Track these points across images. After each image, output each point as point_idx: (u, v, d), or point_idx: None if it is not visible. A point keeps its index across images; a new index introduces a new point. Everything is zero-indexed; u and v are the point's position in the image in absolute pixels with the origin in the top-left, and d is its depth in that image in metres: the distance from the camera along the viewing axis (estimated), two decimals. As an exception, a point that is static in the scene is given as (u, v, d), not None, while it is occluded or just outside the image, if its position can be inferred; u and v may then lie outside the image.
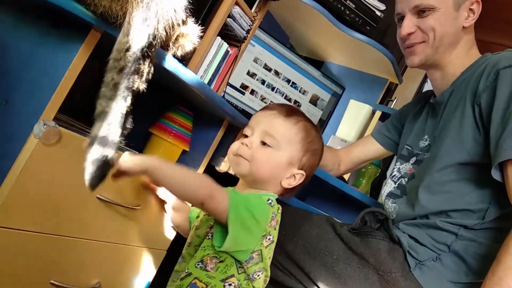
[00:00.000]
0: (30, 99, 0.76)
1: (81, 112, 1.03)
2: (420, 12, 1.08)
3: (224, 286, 0.78)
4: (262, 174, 0.85)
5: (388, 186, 1.19)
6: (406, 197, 1.11)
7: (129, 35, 0.64)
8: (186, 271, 0.81)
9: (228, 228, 0.75)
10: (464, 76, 1.08)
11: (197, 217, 0.92)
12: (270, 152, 0.85)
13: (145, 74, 0.68)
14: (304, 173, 0.89)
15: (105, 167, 0.67)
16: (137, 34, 0.65)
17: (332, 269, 0.95)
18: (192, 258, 0.82)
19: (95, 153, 0.65)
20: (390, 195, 1.16)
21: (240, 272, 0.79)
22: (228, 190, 0.80)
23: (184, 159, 1.17)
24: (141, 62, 0.67)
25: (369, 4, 1.74)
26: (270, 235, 0.82)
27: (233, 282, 0.78)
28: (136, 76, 0.66)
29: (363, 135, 1.84)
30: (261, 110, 0.93)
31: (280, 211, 0.86)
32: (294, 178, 0.88)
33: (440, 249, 0.97)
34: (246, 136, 0.88)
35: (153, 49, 0.68)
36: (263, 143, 0.85)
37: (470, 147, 0.98)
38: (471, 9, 1.09)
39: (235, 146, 0.87)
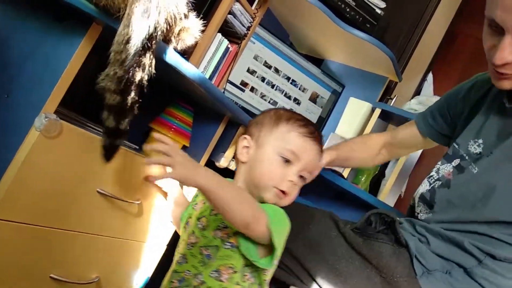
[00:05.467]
0: (32, 92, 0.76)
1: (82, 106, 1.03)
2: None
3: None
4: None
5: (422, 187, 1.07)
6: (435, 209, 0.99)
7: (129, 27, 0.65)
8: (200, 279, 0.78)
9: (275, 245, 0.74)
10: None
11: (190, 217, 0.88)
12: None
13: (147, 67, 0.68)
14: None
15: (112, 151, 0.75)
16: (137, 26, 0.65)
17: (333, 267, 0.91)
18: (206, 265, 0.78)
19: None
20: (422, 198, 1.04)
21: (243, 280, 0.78)
22: (263, 206, 0.77)
23: (184, 154, 1.17)
24: (142, 54, 0.67)
25: (369, 2, 1.74)
26: None
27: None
28: (138, 69, 0.66)
29: (362, 133, 1.84)
30: (312, 140, 0.85)
31: None
32: None
33: (454, 266, 0.90)
34: (287, 161, 0.81)
35: (154, 41, 0.68)
36: (301, 177, 0.83)
37: None
38: None
39: (285, 183, 0.81)
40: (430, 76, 2.42)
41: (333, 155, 1.16)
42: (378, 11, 1.76)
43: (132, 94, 0.69)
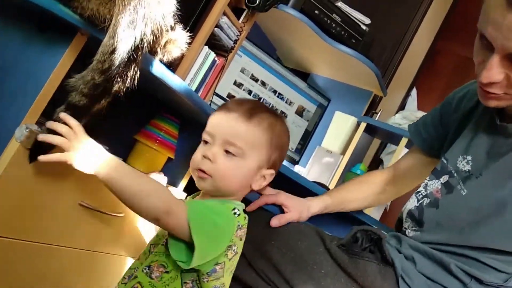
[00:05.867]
0: (13, 102, 0.75)
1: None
2: None
3: None
4: (230, 187, 0.77)
5: (410, 202, 1.03)
6: (424, 228, 0.96)
7: (114, 38, 0.64)
8: (135, 272, 0.74)
9: (195, 243, 0.67)
10: None
11: None
12: (236, 162, 0.76)
13: (128, 78, 0.67)
14: (274, 172, 0.83)
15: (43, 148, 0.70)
16: (123, 37, 0.64)
17: (319, 284, 0.89)
18: (145, 260, 0.75)
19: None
20: (411, 215, 1.00)
21: (185, 287, 0.72)
22: (187, 202, 0.72)
23: (169, 166, 1.15)
24: (127, 65, 0.66)
25: (355, 18, 1.77)
26: (235, 246, 0.75)
27: None
28: (118, 79, 0.66)
29: (348, 147, 1.85)
30: (219, 110, 0.80)
31: (247, 221, 0.80)
32: (264, 178, 0.81)
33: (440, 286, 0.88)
34: (206, 142, 0.78)
35: (140, 53, 0.68)
36: (227, 152, 0.76)
37: None
38: None
39: (196, 158, 0.77)
40: (414, 91, 2.47)
41: (326, 200, 1.09)
42: (363, 27, 1.79)
43: (102, 101, 0.68)
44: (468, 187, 0.92)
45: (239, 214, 0.75)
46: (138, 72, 0.70)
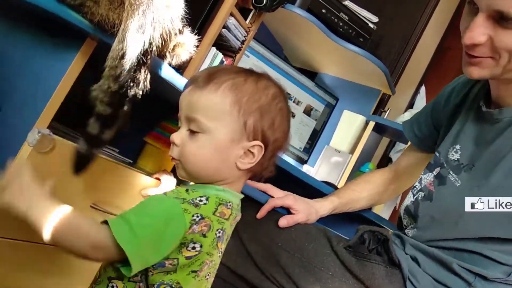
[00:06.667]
0: (24, 107, 0.75)
1: (76, 120, 1.02)
2: (502, 20, 0.74)
3: (108, 285, 0.64)
4: (203, 171, 0.67)
5: (407, 199, 1.03)
6: (419, 224, 0.95)
7: (123, 42, 0.65)
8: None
9: (129, 259, 0.59)
10: None
11: None
12: (201, 140, 0.65)
13: (141, 82, 0.68)
14: (260, 143, 0.67)
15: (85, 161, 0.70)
16: (132, 41, 0.65)
17: (326, 286, 0.89)
18: None
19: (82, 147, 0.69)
20: (407, 211, 1.00)
21: (133, 279, 0.63)
22: (110, 220, 0.61)
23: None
24: (137, 69, 0.67)
25: (362, 16, 1.77)
26: (195, 243, 0.63)
27: (116, 285, 0.64)
28: (132, 84, 0.66)
29: (356, 146, 1.84)
30: (185, 89, 0.71)
31: (232, 209, 0.68)
32: (251, 153, 0.68)
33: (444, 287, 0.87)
34: (179, 128, 0.70)
35: (149, 57, 0.68)
36: (191, 132, 0.66)
37: None
38: None
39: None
40: (422, 89, 2.45)
41: (335, 201, 1.09)
42: (371, 25, 1.78)
43: (125, 108, 0.69)
44: (462, 179, 0.91)
45: (199, 206, 0.63)
46: (149, 75, 0.70)
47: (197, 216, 0.63)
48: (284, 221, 0.96)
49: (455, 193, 0.90)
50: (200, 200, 0.64)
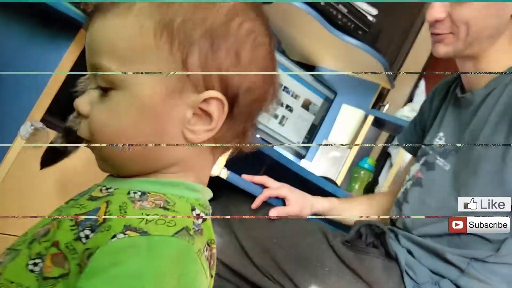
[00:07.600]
0: (17, 99, 0.74)
1: (70, 113, 1.01)
2: None
3: None
4: (128, 153, 0.40)
5: (398, 194, 1.06)
6: (409, 205, 0.98)
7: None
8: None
9: None
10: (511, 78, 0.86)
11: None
12: (114, 101, 0.40)
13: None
14: (219, 95, 0.41)
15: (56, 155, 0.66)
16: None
17: (323, 282, 0.89)
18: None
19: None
20: (396, 202, 1.04)
21: None
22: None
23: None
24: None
25: (361, 8, 1.75)
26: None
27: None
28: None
29: (355, 140, 1.84)
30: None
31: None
32: (206, 114, 0.41)
33: (441, 278, 0.89)
34: None
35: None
36: (102, 91, 0.41)
37: None
38: None
39: None
40: (422, 83, 2.43)
41: (334, 201, 1.10)
42: (370, 18, 1.77)
43: None
44: (450, 162, 0.93)
45: (200, 230, 0.40)
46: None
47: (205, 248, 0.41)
48: (274, 212, 0.95)
49: (445, 176, 0.93)
50: (194, 229, 0.39)
